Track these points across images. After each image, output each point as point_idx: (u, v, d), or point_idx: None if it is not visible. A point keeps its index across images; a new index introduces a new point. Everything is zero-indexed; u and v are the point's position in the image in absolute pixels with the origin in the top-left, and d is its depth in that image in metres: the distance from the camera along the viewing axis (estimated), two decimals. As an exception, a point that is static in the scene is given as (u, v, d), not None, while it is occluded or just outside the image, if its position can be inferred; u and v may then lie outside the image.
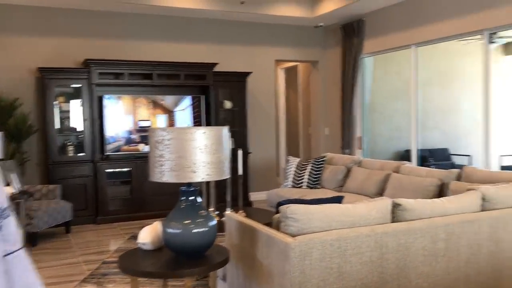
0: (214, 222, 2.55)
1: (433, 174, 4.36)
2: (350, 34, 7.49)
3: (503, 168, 9.01)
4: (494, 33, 8.36)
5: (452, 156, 9.60)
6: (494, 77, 5.93)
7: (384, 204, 2.69)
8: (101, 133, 6.42)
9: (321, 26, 8.08)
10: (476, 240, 2.78)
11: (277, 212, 2.89)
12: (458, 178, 4.17)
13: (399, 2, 6.61)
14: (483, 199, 2.99)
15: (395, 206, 2.72)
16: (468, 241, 2.76)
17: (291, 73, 9.76)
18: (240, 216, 3.01)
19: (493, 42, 8.41)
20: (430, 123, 9.72)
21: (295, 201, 2.79)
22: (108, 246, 5.16)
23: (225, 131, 2.54)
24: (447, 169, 8.56)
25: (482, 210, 2.96)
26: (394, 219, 2.71)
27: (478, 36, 8.60)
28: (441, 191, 4.23)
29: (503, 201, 3.00)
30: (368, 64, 7.80)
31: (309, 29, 8.18)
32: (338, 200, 2.96)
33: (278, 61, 8.48)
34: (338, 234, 2.42)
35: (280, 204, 2.76)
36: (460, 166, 9.17)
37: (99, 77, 6.26)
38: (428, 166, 8.44)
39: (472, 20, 5.54)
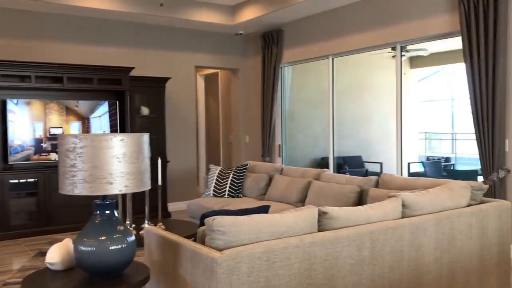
0: (133, 237, 2.35)
1: (353, 181, 4.44)
2: (270, 43, 7.54)
3: (411, 174, 9.53)
4: (404, 47, 8.85)
5: (365, 163, 10.00)
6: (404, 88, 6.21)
7: (310, 213, 2.64)
8: (4, 140, 5.85)
9: (241, 34, 8.05)
10: (398, 247, 2.82)
11: (202, 224, 2.74)
12: (376, 185, 4.28)
13: (316, 14, 6.75)
14: (404, 205, 3.05)
15: (321, 214, 2.69)
16: (392, 248, 2.79)
17: (211, 80, 9.63)
18: (161, 230, 2.81)
19: (402, 55, 8.89)
20: (344, 132, 10.05)
21: (221, 212, 2.66)
22: (11, 265, 4.67)
23: (145, 138, 2.35)
24: (361, 175, 8.91)
25: (403, 217, 3.02)
26: (321, 227, 2.67)
27: (389, 49, 9.08)
28: (360, 198, 4.31)
29: (422, 207, 3.09)
30: (287, 73, 7.89)
31: (229, 36, 8.12)
32: (265, 209, 2.87)
33: (198, 68, 8.33)
34: (266, 246, 2.32)
35: (204, 216, 2.61)
36: (373, 173, 9.61)
37: (2, 79, 5.71)
38: (343, 173, 8.70)
39: (386, 33, 5.78)
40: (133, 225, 4.18)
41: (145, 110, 6.97)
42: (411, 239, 2.89)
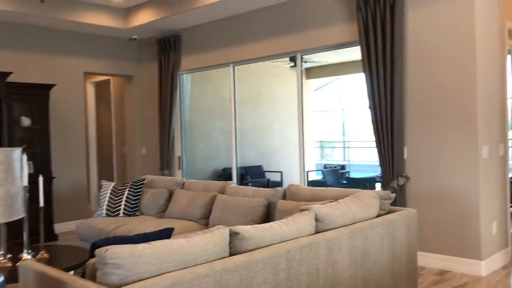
0: (1, 278, 1.86)
1: (260, 194, 4.22)
2: (167, 49, 7.14)
3: (310, 182, 9.66)
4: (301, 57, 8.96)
5: (266, 172, 9.94)
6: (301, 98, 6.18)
7: (221, 234, 2.33)
8: None
9: (135, 38, 7.55)
10: (314, 265, 2.62)
11: (92, 254, 2.30)
12: (284, 196, 4.09)
13: (216, 20, 6.52)
14: (316, 219, 2.88)
15: (233, 235, 2.39)
16: (308, 267, 2.58)
17: (102, 88, 8.95)
18: (39, 265, 2.32)
19: (294, 66, 8.96)
20: (245, 142, 9.92)
21: (115, 240, 2.25)
22: None
23: (16, 154, 1.88)
24: (263, 185, 8.81)
25: (316, 231, 2.83)
26: (232, 250, 2.37)
27: (287, 60, 9.13)
28: (268, 211, 4.09)
29: (335, 220, 2.93)
30: (186, 81, 7.54)
31: (122, 41, 7.57)
32: (167, 233, 2.51)
33: (88, 74, 7.65)
34: (172, 278, 1.97)
35: (95, 245, 2.19)
36: (274, 182, 9.58)
37: None
38: (246, 184, 8.53)
39: (287, 41, 5.71)
40: (8, 255, 3.54)
41: (26, 121, 6.18)
42: (327, 255, 2.71)
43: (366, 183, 6.42)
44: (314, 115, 13.88)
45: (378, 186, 6.95)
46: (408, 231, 3.40)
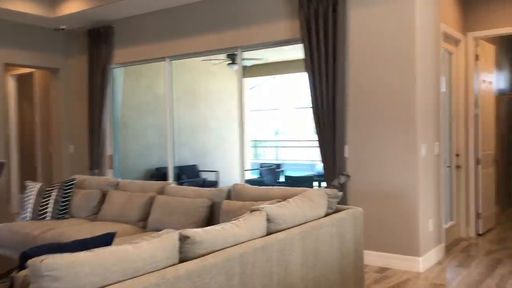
0: None
1: (203, 194, 4.03)
2: (98, 41, 6.73)
3: (247, 182, 9.57)
4: (234, 55, 8.83)
5: (201, 172, 9.72)
6: (237, 96, 6.05)
7: (170, 239, 2.14)
8: None
9: (63, 29, 7.05)
10: (268, 268, 2.49)
11: (21, 266, 2.02)
12: (228, 196, 3.94)
13: (152, 11, 6.22)
14: (268, 219, 2.75)
15: (183, 239, 2.21)
16: (262, 270, 2.45)
17: (25, 81, 8.29)
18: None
19: (235, 63, 8.84)
20: (180, 140, 9.64)
21: (50, 248, 1.99)
22: None
23: None
24: (199, 185, 8.58)
25: (268, 233, 2.71)
26: (183, 255, 2.19)
27: (223, 56, 8.96)
28: (212, 211, 3.92)
29: (286, 220, 2.83)
30: (119, 76, 7.15)
31: (48, 31, 7.04)
32: (109, 238, 2.27)
33: (9, 66, 7.04)
34: (118, 290, 1.76)
35: (26, 255, 1.91)
36: (210, 182, 9.38)
37: None
38: (182, 183, 8.27)
39: (227, 36, 5.55)
40: None
41: None
42: (280, 257, 2.59)
43: (305, 182, 6.43)
44: (250, 114, 13.85)
45: (317, 184, 6.99)
46: (355, 230, 3.37)
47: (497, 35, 5.57)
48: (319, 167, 8.47)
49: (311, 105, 4.84)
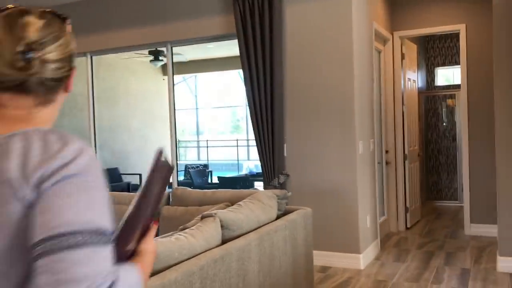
0: None
1: (139, 200, 3.71)
2: None
3: (171, 184, 9.22)
4: (158, 51, 8.43)
5: (123, 175, 9.22)
6: (158, 95, 5.74)
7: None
8: None
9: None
10: (227, 280, 2.29)
11: None
12: (168, 201, 3.66)
13: (71, 2, 5.71)
14: (222, 226, 2.55)
15: (135, 254, 1.93)
16: (221, 283, 2.24)
17: None
18: None
19: (159, 60, 8.47)
20: (100, 142, 9.07)
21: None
22: None
23: None
24: (123, 189, 8.10)
25: (224, 240, 2.50)
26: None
27: (146, 53, 8.55)
28: (149, 219, 3.61)
29: (241, 226, 2.64)
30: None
31: None
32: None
33: None
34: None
35: None
36: (134, 186, 8.90)
37: None
38: (105, 188, 7.75)
39: (156, 30, 5.23)
40: None
41: None
42: (238, 266, 2.40)
43: (239, 182, 6.26)
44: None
45: (256, 185, 6.84)
46: (306, 231, 3.27)
47: (420, 35, 5.79)
48: (252, 166, 8.35)
49: (247, 103, 4.68)
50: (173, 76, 5.38)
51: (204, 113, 18.92)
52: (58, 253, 0.73)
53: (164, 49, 5.50)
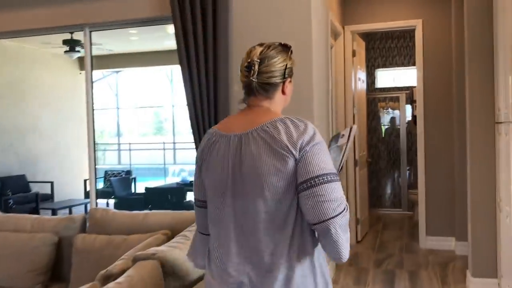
0: None
1: (44, 226, 2.78)
2: None
3: (88, 193, 8.08)
4: (75, 41, 7.33)
5: (31, 183, 7.96)
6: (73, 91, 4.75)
7: None
8: None
9: None
10: None
11: None
12: (84, 227, 2.77)
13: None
14: (166, 272, 1.76)
15: None
16: None
17: None
18: None
19: (76, 51, 7.38)
20: (2, 145, 7.78)
21: None
22: None
23: None
24: (30, 201, 6.90)
25: (168, 293, 1.72)
26: None
27: (60, 43, 7.41)
28: (59, 251, 2.72)
29: (193, 270, 1.86)
30: None
31: None
32: None
33: None
34: None
35: None
36: (45, 196, 7.67)
37: None
38: (6, 201, 6.53)
39: (70, 10, 4.26)
40: None
41: None
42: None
43: (171, 194, 5.38)
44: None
45: (189, 196, 5.94)
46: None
47: (373, 30, 5.34)
48: (184, 174, 7.45)
49: (186, 102, 3.88)
50: (91, 68, 4.42)
51: (125, 113, 17.64)
52: (319, 185, 1.30)
53: (81, 33, 4.52)
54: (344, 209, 1.32)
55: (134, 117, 18.42)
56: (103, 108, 17.76)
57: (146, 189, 5.76)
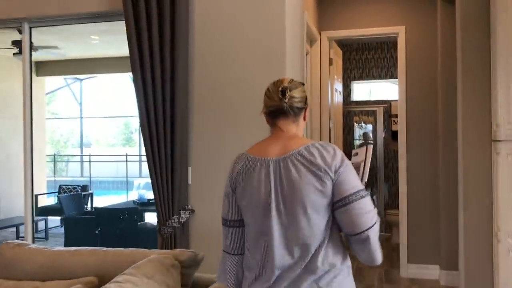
0: None
1: None
2: None
3: (41, 210, 7.37)
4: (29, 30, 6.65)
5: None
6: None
7: None
8: None
9: None
10: None
11: None
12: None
13: None
14: None
15: None
16: None
17: None
18: None
19: (19, 53, 6.68)
20: None
21: None
22: None
23: None
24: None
25: None
26: None
27: (8, 44, 6.73)
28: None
29: None
30: None
31: None
32: None
33: None
34: None
35: None
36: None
37: None
38: None
39: (7, 1, 3.66)
40: None
41: None
42: None
43: (124, 215, 4.72)
44: (47, 122, 11.42)
45: (148, 218, 5.23)
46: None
47: (352, 37, 4.90)
48: (143, 191, 6.81)
49: (138, 112, 3.31)
50: (30, 71, 3.82)
51: (90, 123, 16.84)
52: (356, 201, 1.51)
53: (21, 29, 3.91)
54: (378, 218, 1.54)
55: (102, 127, 17.61)
56: (68, 117, 16.91)
57: (95, 209, 5.10)
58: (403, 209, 4.69)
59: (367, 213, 1.50)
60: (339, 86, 5.41)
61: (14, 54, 6.42)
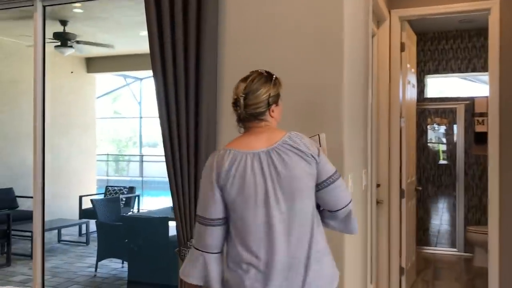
0: None
1: None
2: None
3: (84, 213, 7.03)
4: (64, 35, 6.30)
5: (19, 198, 7.01)
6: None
7: None
8: None
9: None
10: None
11: None
12: None
13: None
14: None
15: None
16: None
17: None
18: None
19: (69, 46, 6.34)
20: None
21: None
22: None
23: None
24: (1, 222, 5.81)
25: None
26: None
27: (50, 37, 6.41)
28: None
29: None
30: None
31: None
32: None
33: None
34: None
35: None
36: (28, 214, 6.63)
37: None
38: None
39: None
40: None
41: None
42: None
43: (149, 227, 4.06)
44: (100, 121, 11.28)
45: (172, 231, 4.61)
46: None
47: (431, 15, 4.01)
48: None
49: (157, 107, 2.69)
50: (43, 55, 3.36)
51: (149, 122, 16.72)
52: (337, 180, 1.70)
53: (75, 26, 3.43)
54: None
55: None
56: (130, 117, 16.93)
57: (122, 218, 4.58)
58: (493, 226, 3.75)
59: (345, 189, 1.75)
60: (412, 77, 4.54)
61: (56, 47, 6.09)
